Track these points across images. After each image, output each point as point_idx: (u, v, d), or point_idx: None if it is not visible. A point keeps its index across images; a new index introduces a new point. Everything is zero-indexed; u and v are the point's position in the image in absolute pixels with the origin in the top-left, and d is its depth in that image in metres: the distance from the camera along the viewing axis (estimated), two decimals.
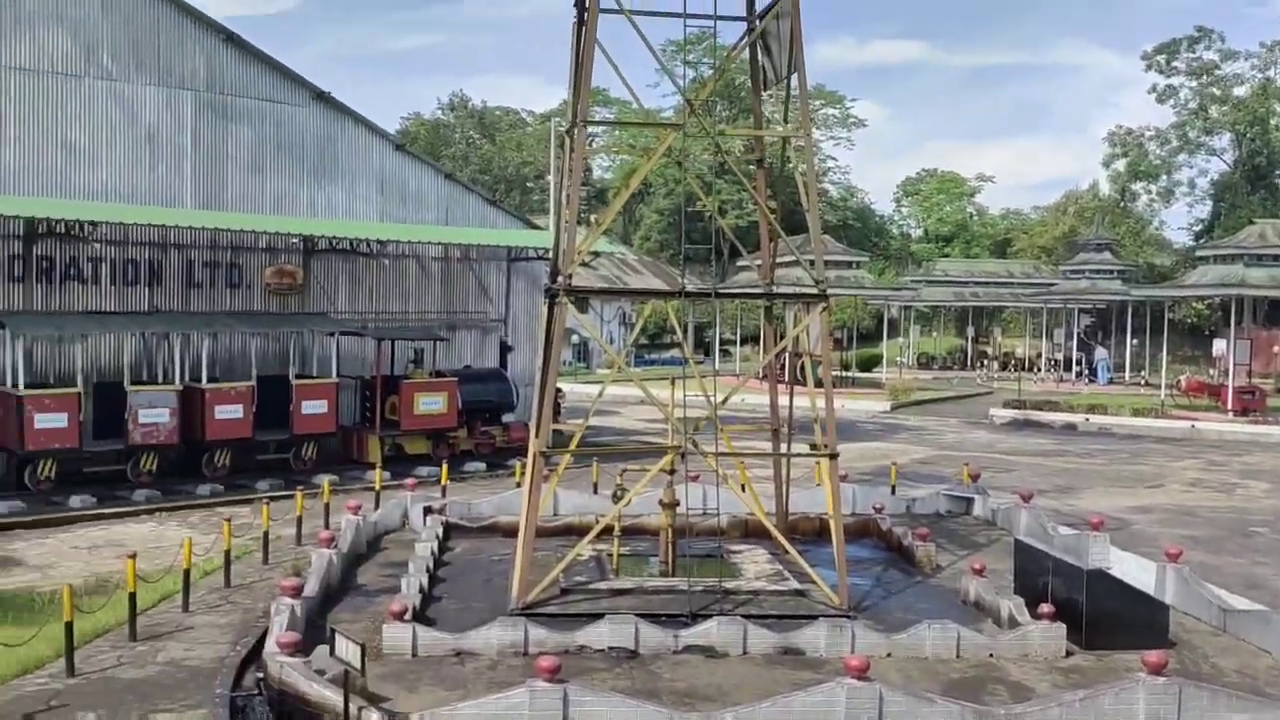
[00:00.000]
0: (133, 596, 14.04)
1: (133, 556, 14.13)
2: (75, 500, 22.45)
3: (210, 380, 25.12)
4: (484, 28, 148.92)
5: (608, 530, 16.61)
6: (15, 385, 22.74)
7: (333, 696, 10.66)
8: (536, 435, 15.18)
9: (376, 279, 31.16)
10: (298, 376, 26.46)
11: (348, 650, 10.38)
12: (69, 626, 12.65)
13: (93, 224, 23.65)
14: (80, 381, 23.58)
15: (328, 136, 30.28)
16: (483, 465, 29.04)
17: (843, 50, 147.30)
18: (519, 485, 23.89)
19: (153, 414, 23.87)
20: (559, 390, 35.68)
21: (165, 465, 24.56)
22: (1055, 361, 72.80)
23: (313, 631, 13.57)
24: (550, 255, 19.73)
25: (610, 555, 16.82)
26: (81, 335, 24.08)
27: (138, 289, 27.10)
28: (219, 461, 25.10)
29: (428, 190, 32.43)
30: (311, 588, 14.97)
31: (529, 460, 15.13)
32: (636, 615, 13.82)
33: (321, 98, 30.07)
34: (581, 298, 30.51)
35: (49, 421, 22.55)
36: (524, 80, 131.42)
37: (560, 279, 15.11)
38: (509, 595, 15.10)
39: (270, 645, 12.31)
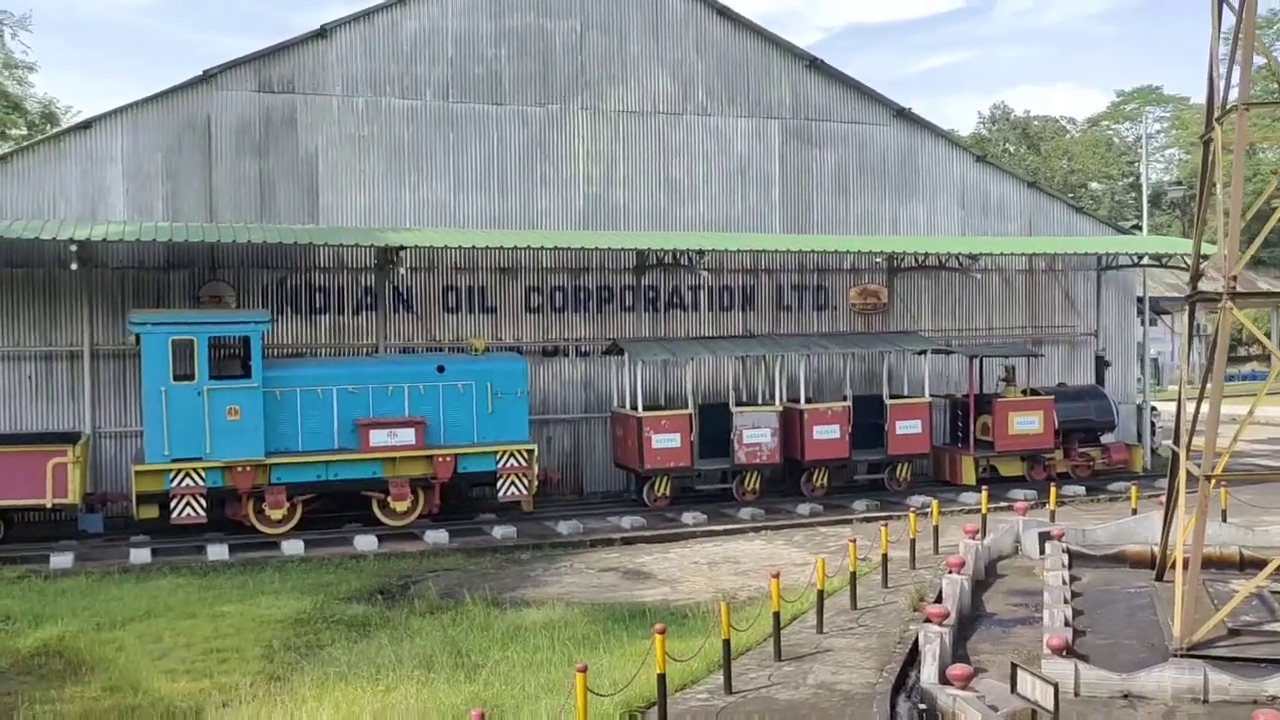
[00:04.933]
0: (777, 616, 14.07)
1: (776, 576, 14.17)
2: (688, 517, 23.41)
3: (806, 401, 25.41)
4: (1010, 39, 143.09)
5: None
6: (634, 408, 24.18)
7: None
8: (1188, 456, 13.64)
9: (960, 295, 30.34)
10: (891, 396, 26.16)
11: (1035, 688, 9.58)
12: (726, 644, 12.82)
13: (699, 252, 24.69)
14: (690, 403, 24.68)
15: (907, 153, 29.93)
16: (1081, 489, 27.21)
17: None
18: (1135, 511, 22.08)
19: (756, 434, 24.49)
20: (1153, 409, 33.05)
21: (767, 484, 25.12)
22: None
23: (953, 661, 12.92)
24: (1189, 261, 17.90)
25: (1277, 593, 14.83)
26: (689, 359, 25.19)
27: (732, 314, 28.15)
28: (817, 481, 25.32)
29: (1010, 200, 31.18)
30: (950, 616, 14.33)
31: (1201, 486, 13.55)
32: None
33: (902, 114, 29.77)
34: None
35: (665, 442, 23.75)
36: (1057, 88, 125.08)
37: (1225, 281, 13.48)
38: (1163, 633, 13.66)
39: (928, 675, 11.80)
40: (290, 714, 11.84)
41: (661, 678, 11.33)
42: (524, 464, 22.71)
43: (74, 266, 21.21)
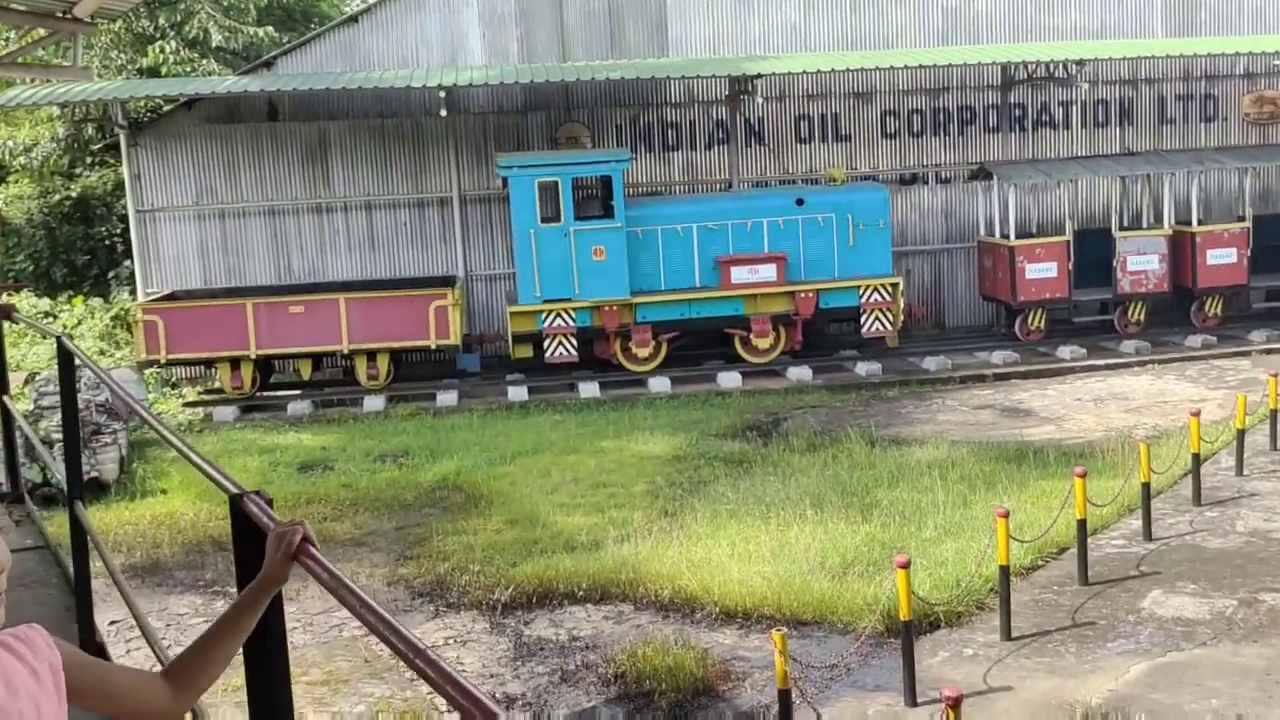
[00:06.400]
0: (1196, 457, 12.90)
1: (1196, 414, 12.92)
2: (1064, 351, 22.01)
3: (1198, 223, 23.16)
4: None
5: None
6: (1005, 236, 22.76)
7: None
8: None
9: None
10: None
11: None
12: (1146, 487, 11.82)
13: (1079, 63, 22.64)
14: (1067, 229, 22.97)
15: None
16: None
17: None
18: None
19: (1141, 261, 22.55)
20: None
21: (1151, 315, 23.20)
22: None
23: None
24: None
25: None
26: (1064, 180, 23.37)
27: (1108, 130, 25.85)
28: (1209, 310, 23.17)
29: None
30: None
31: None
32: None
33: None
34: None
35: (1039, 271, 22.26)
36: None
37: None
38: None
39: None
40: (686, 549, 11.83)
41: (1082, 523, 10.54)
42: (888, 298, 21.85)
43: (443, 113, 21.69)
